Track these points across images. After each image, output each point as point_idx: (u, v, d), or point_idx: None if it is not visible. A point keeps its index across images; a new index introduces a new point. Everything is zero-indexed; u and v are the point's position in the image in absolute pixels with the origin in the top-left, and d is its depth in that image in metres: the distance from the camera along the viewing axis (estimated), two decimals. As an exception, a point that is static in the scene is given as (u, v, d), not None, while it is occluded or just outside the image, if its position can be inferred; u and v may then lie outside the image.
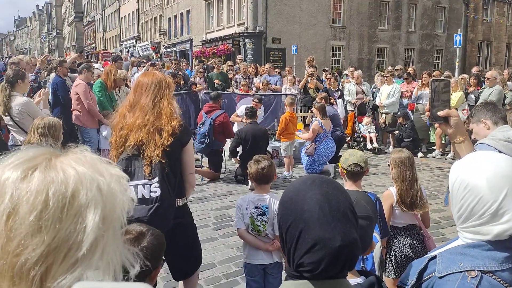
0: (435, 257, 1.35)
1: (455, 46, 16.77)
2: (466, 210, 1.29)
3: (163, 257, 1.91)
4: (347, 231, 1.10)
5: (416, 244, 3.46)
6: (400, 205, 3.37)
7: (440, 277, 1.27)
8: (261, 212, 3.19)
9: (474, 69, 10.63)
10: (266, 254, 3.21)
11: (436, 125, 1.70)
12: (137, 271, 0.84)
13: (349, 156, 3.09)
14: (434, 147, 10.01)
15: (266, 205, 3.18)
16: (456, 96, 9.04)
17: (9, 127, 5.00)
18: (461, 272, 1.24)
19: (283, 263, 3.30)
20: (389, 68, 11.66)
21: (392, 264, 3.46)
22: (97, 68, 9.75)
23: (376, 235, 3.01)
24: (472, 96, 9.76)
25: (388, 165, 3.57)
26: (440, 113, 1.62)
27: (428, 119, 1.69)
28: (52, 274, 0.73)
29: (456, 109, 8.99)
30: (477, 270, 1.22)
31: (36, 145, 2.71)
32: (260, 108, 9.04)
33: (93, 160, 0.83)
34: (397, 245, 3.44)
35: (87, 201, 0.76)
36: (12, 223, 0.73)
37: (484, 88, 9.23)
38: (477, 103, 8.97)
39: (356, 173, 3.07)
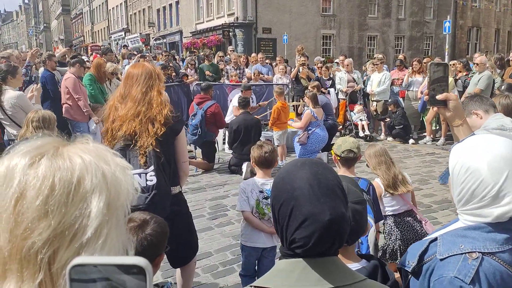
0: (435, 239, 1.37)
1: (444, 33, 16.89)
2: (467, 193, 1.30)
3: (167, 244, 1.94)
4: (336, 206, 1.15)
5: (417, 229, 3.55)
6: (387, 189, 3.56)
7: (441, 259, 1.29)
8: (265, 196, 3.27)
9: (476, 55, 10.62)
10: (267, 237, 3.29)
11: (435, 108, 1.73)
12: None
13: (342, 143, 3.14)
14: (425, 134, 10.11)
15: (270, 189, 3.23)
16: (446, 82, 9.09)
17: (1, 121, 4.99)
18: (462, 254, 1.26)
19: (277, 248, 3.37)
20: (380, 56, 11.71)
21: (393, 249, 3.56)
22: (87, 61, 9.66)
23: (370, 219, 3.07)
24: (460, 81, 9.85)
25: (367, 165, 3.79)
26: (438, 97, 1.64)
27: (427, 102, 1.72)
28: (59, 258, 0.76)
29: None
30: (478, 252, 1.24)
31: (35, 137, 2.71)
32: (251, 97, 9.06)
33: (99, 149, 0.86)
34: (399, 230, 3.56)
35: (92, 187, 0.79)
36: (20, 208, 0.75)
37: (473, 73, 9.31)
38: (467, 89, 9.10)
39: (350, 159, 3.12)
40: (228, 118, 8.61)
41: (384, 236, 3.65)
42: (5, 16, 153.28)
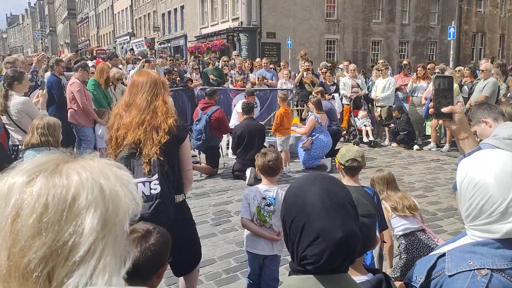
0: (443, 254, 1.35)
1: (449, 38, 16.84)
2: (475, 209, 1.29)
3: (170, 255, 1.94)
4: (347, 223, 1.15)
5: (433, 247, 3.49)
6: (394, 211, 3.56)
7: (450, 276, 1.28)
8: (267, 203, 3.27)
9: (483, 61, 10.58)
10: (267, 245, 3.28)
11: (440, 121, 1.71)
12: (124, 271, 0.86)
13: (346, 152, 3.13)
14: (430, 140, 10.07)
15: (273, 196, 3.24)
16: (451, 89, 9.06)
17: (6, 126, 5.01)
18: (471, 270, 1.25)
19: (282, 257, 3.36)
20: (380, 61, 11.72)
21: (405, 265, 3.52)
22: (92, 66, 9.71)
23: (374, 228, 3.07)
24: (466, 88, 9.81)
25: (371, 183, 3.82)
26: (444, 110, 1.63)
27: (432, 116, 1.71)
28: (56, 275, 0.76)
29: (451, 101, 9.03)
30: (487, 269, 1.23)
31: (37, 146, 2.72)
32: (255, 102, 9.07)
33: (101, 164, 0.86)
34: (415, 249, 3.47)
35: (88, 203, 0.79)
36: (16, 226, 0.77)
37: (478, 80, 9.28)
38: (472, 95, 9.06)
39: (354, 168, 3.11)
40: (231, 124, 8.62)
41: (400, 257, 3.54)
42: (11, 20, 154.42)
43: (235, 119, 8.91)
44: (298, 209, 1.18)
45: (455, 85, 9.18)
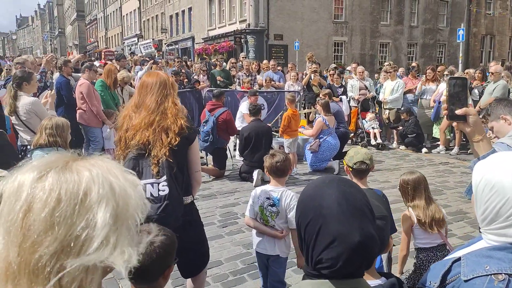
0: (459, 259, 1.32)
1: (458, 41, 16.73)
2: (491, 212, 1.26)
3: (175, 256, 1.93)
4: (365, 227, 1.13)
5: None
6: (420, 225, 3.27)
7: (465, 280, 1.25)
8: (271, 203, 3.25)
9: (492, 64, 10.48)
10: (269, 245, 3.27)
11: (454, 124, 1.68)
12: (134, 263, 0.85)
13: (354, 154, 3.10)
14: (438, 143, 9.99)
15: (277, 197, 3.23)
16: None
17: (15, 126, 5.04)
18: (487, 275, 1.21)
19: (288, 260, 3.33)
20: (386, 63, 11.66)
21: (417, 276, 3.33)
22: (98, 66, 9.74)
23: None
24: (476, 91, 9.73)
25: (399, 188, 3.48)
26: (458, 112, 1.61)
27: (446, 118, 1.68)
28: (68, 269, 0.76)
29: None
30: (504, 273, 1.20)
31: (45, 146, 2.72)
32: (262, 104, 9.05)
33: (110, 164, 0.87)
34: (427, 267, 3.22)
35: (99, 198, 0.79)
36: (27, 221, 0.76)
37: (488, 82, 9.20)
38: (481, 98, 8.98)
39: (362, 171, 3.08)
40: (236, 124, 8.59)
41: (414, 270, 3.35)
42: (20, 21, 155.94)
43: (239, 120, 8.87)
44: (314, 211, 1.16)
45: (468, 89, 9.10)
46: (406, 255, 3.39)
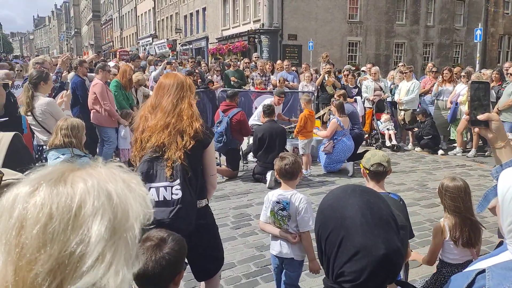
0: (483, 271, 1.26)
1: (475, 41, 16.44)
2: None
3: (186, 261, 1.91)
4: (390, 239, 1.08)
5: None
6: (454, 242, 3.00)
7: None
8: (281, 207, 3.23)
9: (507, 64, 10.27)
10: (284, 247, 3.25)
11: (476, 129, 1.63)
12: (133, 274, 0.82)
13: (371, 156, 3.04)
14: (455, 144, 9.82)
15: (287, 201, 3.20)
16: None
17: (32, 126, 5.09)
18: None
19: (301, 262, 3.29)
20: (401, 64, 11.49)
21: None
22: (112, 67, 9.82)
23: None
24: (493, 92, 9.55)
25: (438, 192, 3.17)
26: (480, 117, 1.56)
27: (468, 123, 1.63)
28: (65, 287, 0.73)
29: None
30: None
31: (61, 147, 2.70)
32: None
33: (108, 170, 0.83)
34: None
35: (94, 211, 0.76)
36: (21, 238, 0.73)
37: (507, 83, 9.01)
38: (500, 100, 8.80)
39: (379, 173, 3.01)
40: (250, 122, 8.61)
41: (434, 282, 3.15)
42: (38, 21, 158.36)
43: (255, 120, 8.83)
44: (335, 222, 1.12)
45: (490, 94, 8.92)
46: (430, 263, 3.18)
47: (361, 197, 1.14)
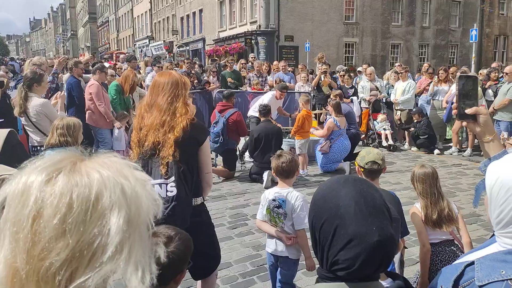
0: (472, 263, 1.27)
1: (471, 41, 16.50)
2: (508, 215, 1.21)
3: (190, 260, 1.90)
4: (384, 227, 1.09)
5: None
6: (426, 222, 3.14)
7: (480, 286, 1.19)
8: (277, 205, 3.23)
9: (494, 65, 10.39)
10: (279, 246, 3.25)
11: (464, 123, 1.64)
12: (154, 276, 0.83)
13: (366, 154, 3.05)
14: (451, 144, 9.85)
15: (283, 199, 3.20)
16: (473, 92, 8.87)
17: (25, 127, 5.07)
18: (503, 280, 1.16)
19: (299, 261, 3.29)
20: (397, 64, 11.55)
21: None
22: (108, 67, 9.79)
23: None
24: (490, 91, 9.58)
25: (412, 182, 3.38)
26: (468, 111, 1.57)
27: (456, 117, 1.64)
28: (77, 278, 0.73)
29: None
30: None
31: (56, 146, 2.71)
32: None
33: (118, 164, 0.83)
34: (433, 262, 3.11)
35: (111, 203, 0.76)
36: (37, 227, 0.73)
37: (502, 83, 9.05)
38: (496, 99, 8.84)
39: (374, 171, 3.03)
40: (251, 113, 8.74)
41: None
42: (34, 24, 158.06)
43: (254, 111, 8.78)
44: (329, 211, 1.12)
45: (478, 88, 8.97)
46: (429, 249, 3.15)
47: (354, 186, 1.15)
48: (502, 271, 1.18)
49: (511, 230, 1.22)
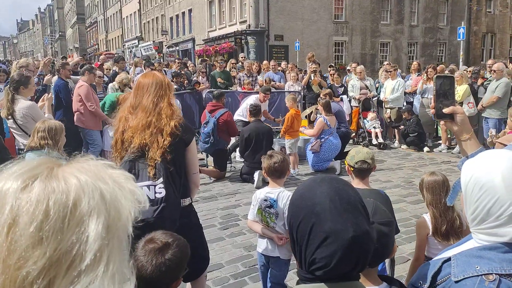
0: (449, 259, 1.30)
1: (458, 39, 16.66)
2: (482, 212, 1.23)
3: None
4: (359, 223, 1.09)
5: None
6: (435, 235, 2.98)
7: (456, 281, 1.23)
8: (268, 205, 3.23)
9: (490, 62, 10.45)
10: (270, 246, 3.25)
11: (442, 122, 1.66)
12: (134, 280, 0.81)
13: (356, 153, 3.05)
14: (440, 141, 9.93)
15: (274, 198, 3.20)
16: (461, 90, 8.95)
17: (12, 130, 5.01)
18: (478, 275, 1.19)
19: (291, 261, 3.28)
20: (386, 63, 11.61)
21: None
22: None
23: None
24: (482, 88, 9.64)
25: (421, 190, 3.18)
26: (445, 110, 1.59)
27: (433, 116, 1.67)
28: (56, 287, 0.71)
29: (462, 102, 8.91)
30: (495, 274, 1.18)
31: (36, 149, 2.65)
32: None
33: (96, 167, 0.81)
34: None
35: (89, 209, 0.74)
36: (13, 235, 0.70)
37: (490, 80, 9.13)
38: (484, 96, 8.91)
39: (364, 170, 3.02)
40: (236, 117, 8.65)
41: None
42: (21, 25, 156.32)
43: (239, 115, 8.80)
44: (306, 210, 1.12)
45: (465, 86, 9.05)
46: (421, 264, 3.19)
47: (330, 184, 1.16)
48: (477, 267, 1.21)
49: (485, 227, 1.24)
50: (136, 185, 0.85)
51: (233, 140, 8.41)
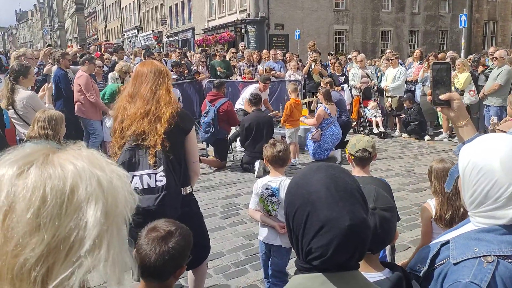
0: (447, 242, 1.31)
1: (460, 27, 16.53)
2: (480, 195, 1.24)
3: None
4: (355, 211, 1.07)
5: None
6: (438, 221, 2.94)
7: (455, 264, 1.24)
8: (270, 193, 3.24)
9: (492, 49, 10.39)
10: (272, 234, 3.26)
11: (438, 109, 1.68)
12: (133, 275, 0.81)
13: (356, 142, 3.04)
14: (441, 130, 9.91)
15: (276, 187, 3.21)
16: (463, 77, 8.92)
17: (13, 120, 5.01)
18: (476, 257, 1.21)
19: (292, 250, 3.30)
20: (388, 51, 11.53)
21: None
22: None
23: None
24: (483, 76, 9.60)
25: (429, 177, 3.11)
26: (441, 97, 1.60)
27: (430, 103, 1.67)
28: (54, 274, 0.70)
29: (463, 90, 8.88)
30: (493, 255, 1.19)
31: (36, 139, 2.65)
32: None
33: (93, 156, 0.81)
34: None
35: (87, 195, 0.73)
36: (9, 222, 0.70)
37: (491, 68, 9.09)
38: (486, 84, 8.88)
39: (364, 159, 3.02)
40: (237, 106, 8.69)
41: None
42: (20, 16, 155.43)
43: (240, 104, 8.82)
44: (301, 198, 1.10)
45: (467, 74, 9.01)
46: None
47: (326, 172, 1.13)
48: (476, 249, 1.23)
49: (483, 210, 1.26)
50: (129, 182, 0.85)
51: (233, 129, 8.40)
